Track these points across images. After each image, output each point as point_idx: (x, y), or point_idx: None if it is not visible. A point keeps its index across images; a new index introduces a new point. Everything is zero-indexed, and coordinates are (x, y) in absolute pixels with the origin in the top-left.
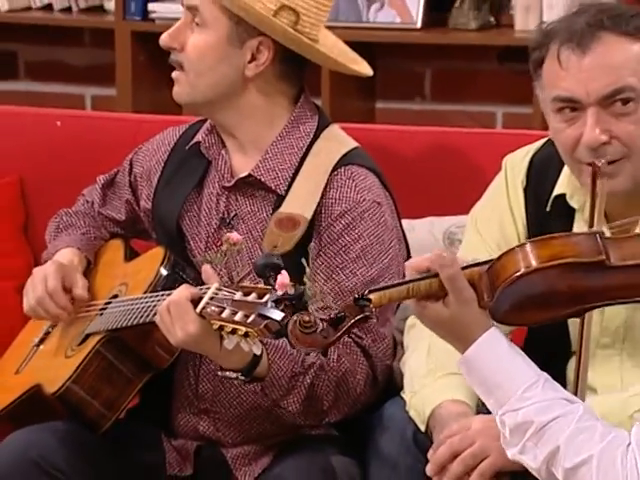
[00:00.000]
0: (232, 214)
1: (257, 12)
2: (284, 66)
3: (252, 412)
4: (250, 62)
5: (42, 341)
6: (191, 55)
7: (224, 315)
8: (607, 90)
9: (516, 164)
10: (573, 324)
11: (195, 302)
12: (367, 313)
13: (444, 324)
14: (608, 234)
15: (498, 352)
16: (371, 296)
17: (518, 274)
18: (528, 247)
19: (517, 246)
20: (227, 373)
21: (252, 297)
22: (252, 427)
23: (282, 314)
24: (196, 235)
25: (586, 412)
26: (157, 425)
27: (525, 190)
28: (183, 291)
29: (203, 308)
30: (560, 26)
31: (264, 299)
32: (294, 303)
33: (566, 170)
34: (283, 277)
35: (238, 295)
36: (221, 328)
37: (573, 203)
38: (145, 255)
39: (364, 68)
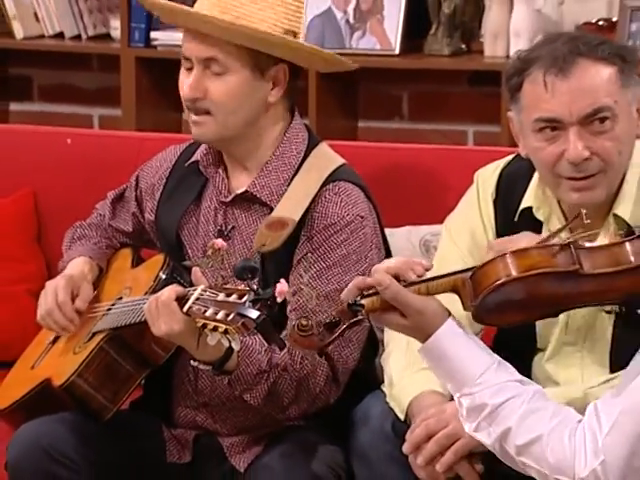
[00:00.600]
0: (230, 226)
1: (274, 37)
2: (289, 86)
3: (246, 406)
4: (272, 89)
5: (56, 340)
6: (219, 100)
7: (207, 314)
8: (588, 110)
9: (486, 178)
10: (540, 323)
11: (182, 301)
12: (360, 317)
13: (405, 328)
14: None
15: (454, 341)
16: (363, 301)
17: (499, 282)
18: (508, 257)
19: (498, 256)
20: (200, 365)
21: (233, 298)
22: (246, 419)
23: (258, 313)
24: (194, 244)
25: (537, 393)
26: (158, 416)
27: (495, 202)
28: (170, 290)
29: (189, 307)
30: (540, 54)
31: (243, 299)
32: (269, 303)
33: (533, 184)
34: (282, 285)
35: (221, 296)
36: (204, 326)
37: (539, 216)
38: (148, 262)
39: (346, 65)
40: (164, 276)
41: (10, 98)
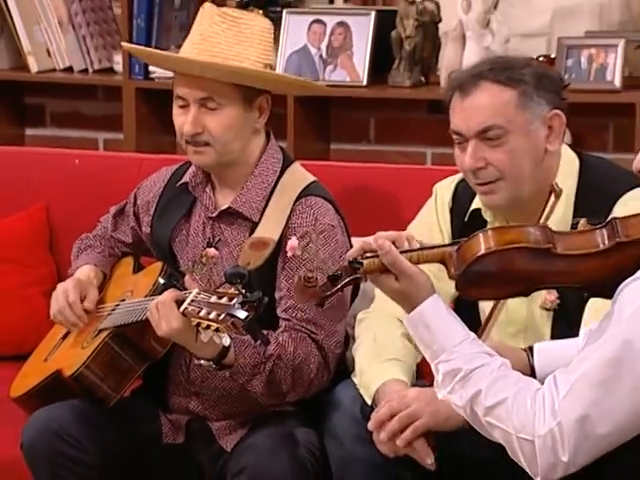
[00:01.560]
0: (217, 238)
1: (258, 72)
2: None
3: (232, 394)
4: (259, 117)
5: (66, 335)
6: (217, 133)
7: (201, 314)
8: (480, 127)
9: (444, 189)
10: (482, 309)
11: (179, 303)
12: (359, 275)
13: (395, 292)
14: None
15: (436, 314)
16: (364, 261)
17: (480, 253)
18: (489, 233)
19: (481, 231)
20: (201, 362)
21: (224, 300)
22: (232, 406)
23: (246, 313)
24: (185, 254)
25: (503, 364)
26: (156, 403)
27: (451, 210)
28: (169, 294)
29: (185, 308)
30: (459, 75)
31: (233, 302)
32: (255, 305)
33: None
34: (292, 241)
35: (213, 298)
36: (198, 324)
37: (487, 217)
38: (147, 268)
39: (322, 88)
40: (162, 281)
41: (26, 124)
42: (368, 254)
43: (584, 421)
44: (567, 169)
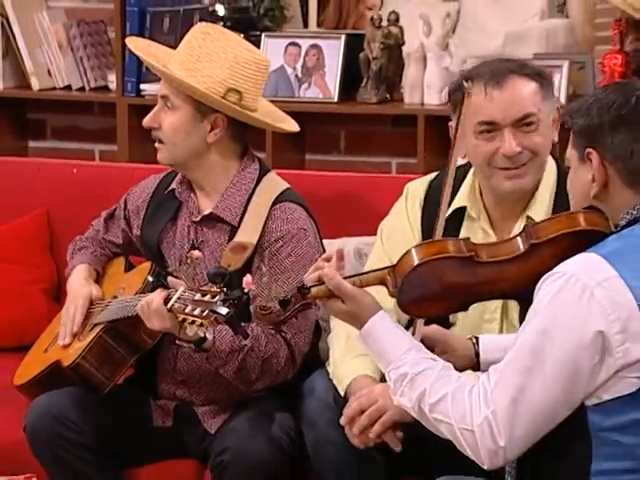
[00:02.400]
0: (200, 240)
1: (211, 96)
2: (234, 131)
3: (216, 382)
4: (210, 132)
5: None
6: (167, 132)
7: (187, 310)
8: (518, 115)
9: (416, 189)
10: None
11: (166, 300)
12: (308, 301)
13: (344, 314)
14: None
15: (384, 329)
16: (312, 289)
17: (412, 266)
18: (417, 248)
19: (411, 248)
20: (182, 343)
21: (207, 297)
22: (216, 392)
23: (227, 310)
24: (172, 254)
25: (445, 366)
26: (146, 390)
27: (422, 208)
28: (158, 293)
29: (172, 305)
30: (480, 71)
31: (215, 299)
32: (235, 302)
33: (464, 189)
34: (247, 278)
35: (197, 296)
36: (184, 320)
37: (473, 213)
38: (138, 267)
39: (290, 126)
40: (151, 279)
41: (28, 137)
42: (316, 282)
43: (514, 406)
44: (550, 170)
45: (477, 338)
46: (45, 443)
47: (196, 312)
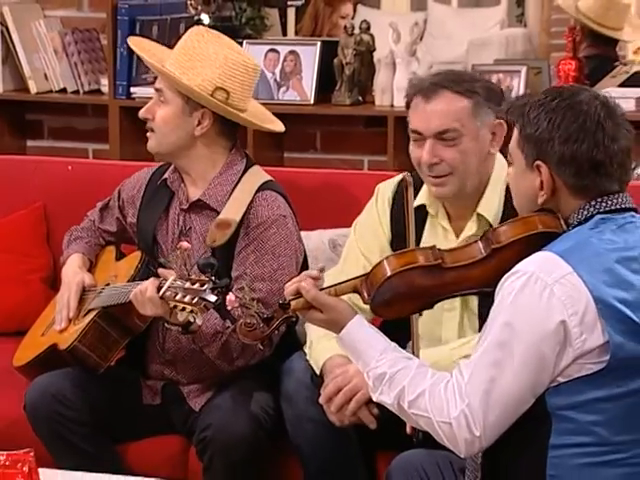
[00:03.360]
0: (188, 227)
1: (199, 93)
2: (221, 127)
3: (200, 362)
4: (197, 126)
5: None
6: (158, 123)
7: (177, 297)
8: (438, 129)
9: (386, 189)
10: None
11: (158, 288)
12: (289, 314)
13: (323, 322)
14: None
15: (360, 332)
16: (291, 303)
17: (384, 278)
18: (390, 259)
19: (383, 259)
20: (172, 327)
21: (197, 285)
22: (200, 372)
23: (215, 297)
24: (166, 242)
25: (420, 364)
26: (136, 370)
27: (391, 206)
28: (150, 282)
29: (164, 293)
30: (422, 82)
31: (204, 287)
32: (223, 290)
33: (425, 186)
34: (230, 297)
35: (187, 284)
36: (175, 306)
37: (431, 211)
38: (128, 256)
39: (277, 126)
40: (141, 267)
41: (27, 137)
42: (294, 296)
43: (486, 397)
44: (500, 171)
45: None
46: (44, 420)
47: (186, 299)
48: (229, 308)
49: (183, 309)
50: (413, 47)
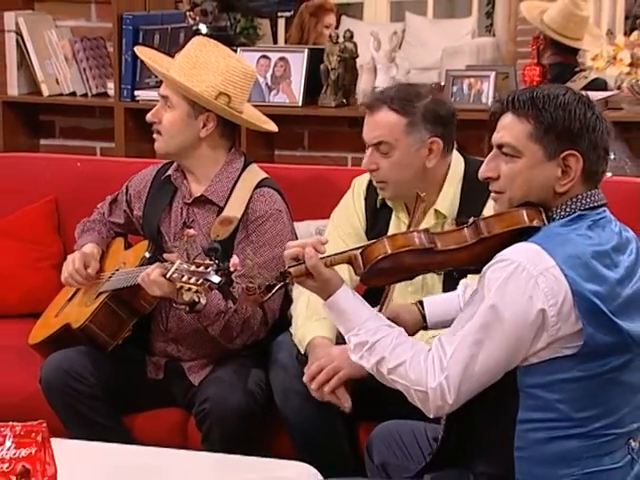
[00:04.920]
0: (191, 219)
1: (204, 98)
2: (223, 129)
3: (200, 341)
4: (202, 128)
5: (72, 297)
6: (166, 126)
7: (183, 279)
8: (374, 140)
9: (361, 183)
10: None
11: (165, 272)
12: (287, 281)
13: (314, 288)
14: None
15: (346, 300)
16: (291, 270)
17: (379, 257)
18: (385, 240)
19: (380, 238)
20: (179, 306)
21: (201, 268)
22: (200, 349)
23: (219, 278)
24: (169, 232)
25: (401, 334)
26: (142, 348)
27: (365, 199)
28: (157, 266)
29: (171, 275)
30: (370, 95)
31: (208, 269)
32: (226, 272)
33: None
34: (234, 259)
35: (193, 267)
36: (181, 287)
37: (390, 204)
38: (136, 245)
39: (272, 126)
40: (148, 255)
41: (40, 136)
42: (293, 262)
43: (465, 372)
44: (456, 168)
45: (421, 302)
46: (57, 393)
47: (192, 280)
48: (232, 270)
49: (189, 289)
50: (392, 54)
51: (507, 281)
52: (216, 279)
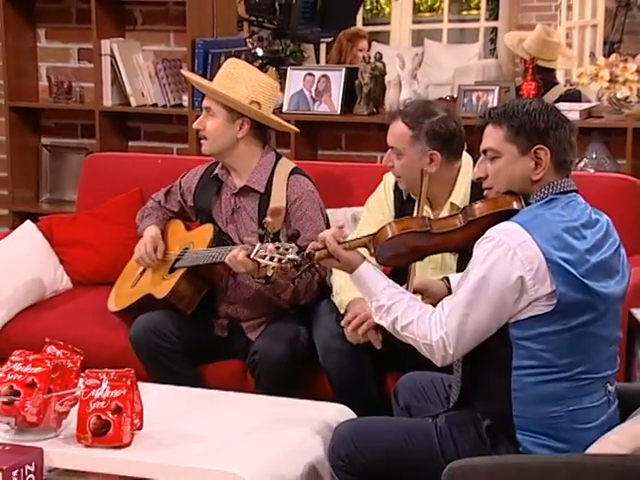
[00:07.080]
0: (237, 207)
1: (240, 104)
2: (255, 130)
3: (254, 304)
4: (239, 130)
5: (144, 271)
6: (209, 131)
7: (266, 259)
8: (390, 144)
9: (391, 178)
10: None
11: (248, 253)
12: (314, 262)
13: (339, 266)
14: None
15: (367, 273)
16: (316, 253)
17: (386, 238)
18: (392, 224)
19: (386, 224)
20: (257, 280)
21: (281, 249)
22: (255, 310)
23: (296, 257)
24: (220, 219)
25: (411, 299)
26: (209, 311)
27: (394, 191)
28: (240, 247)
29: (254, 255)
30: (394, 107)
31: (289, 250)
32: (300, 253)
33: None
34: (267, 218)
35: (272, 248)
36: (266, 266)
37: (413, 197)
38: (201, 227)
39: (293, 128)
40: (214, 236)
41: (128, 139)
42: (320, 246)
43: (461, 327)
44: (466, 168)
45: (447, 278)
46: (144, 348)
47: (274, 261)
48: (265, 225)
49: (266, 267)
50: (414, 72)
51: (491, 253)
52: (294, 257)
